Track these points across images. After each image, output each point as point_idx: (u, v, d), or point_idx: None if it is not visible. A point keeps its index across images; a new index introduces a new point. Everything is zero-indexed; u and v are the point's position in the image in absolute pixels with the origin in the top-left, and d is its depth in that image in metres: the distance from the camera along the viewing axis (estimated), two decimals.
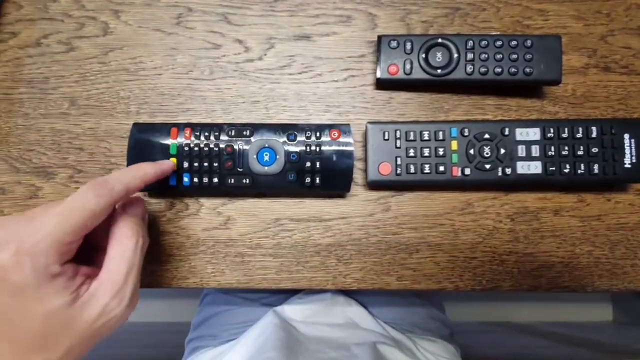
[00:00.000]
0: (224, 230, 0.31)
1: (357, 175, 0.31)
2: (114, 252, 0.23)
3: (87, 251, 0.24)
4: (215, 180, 0.29)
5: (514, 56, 0.29)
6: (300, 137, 0.29)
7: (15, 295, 0.20)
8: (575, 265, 0.31)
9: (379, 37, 0.30)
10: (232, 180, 0.29)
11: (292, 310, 0.45)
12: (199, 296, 0.54)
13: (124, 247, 0.23)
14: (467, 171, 0.29)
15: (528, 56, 0.29)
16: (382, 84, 0.32)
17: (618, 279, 0.31)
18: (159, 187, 0.30)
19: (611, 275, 0.31)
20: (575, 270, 0.31)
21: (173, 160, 0.29)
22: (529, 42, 0.29)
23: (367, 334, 0.42)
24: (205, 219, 0.31)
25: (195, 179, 0.29)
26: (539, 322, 1.00)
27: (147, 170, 0.25)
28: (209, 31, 0.32)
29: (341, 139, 0.29)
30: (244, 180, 0.29)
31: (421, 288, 0.31)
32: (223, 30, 0.32)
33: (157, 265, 0.30)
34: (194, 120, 0.32)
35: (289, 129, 0.29)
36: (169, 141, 0.29)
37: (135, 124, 0.29)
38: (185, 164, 0.29)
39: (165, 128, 0.29)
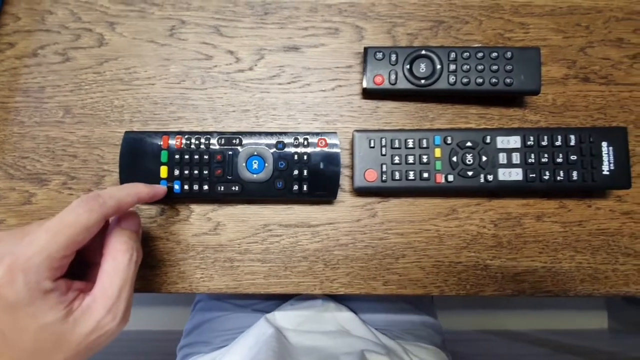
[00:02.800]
0: (213, 235, 0.31)
1: (344, 182, 0.32)
2: (108, 267, 0.23)
3: (79, 266, 0.25)
4: (205, 187, 0.30)
5: (495, 67, 0.30)
6: (289, 145, 0.30)
7: (7, 311, 0.20)
8: (558, 270, 0.32)
9: (365, 49, 0.31)
10: (222, 188, 0.30)
11: (284, 317, 0.45)
12: (191, 303, 0.55)
13: (118, 262, 0.23)
14: (450, 178, 0.30)
15: (508, 67, 0.30)
16: (368, 94, 0.33)
17: (600, 284, 0.32)
18: None
19: (593, 280, 0.32)
20: (558, 275, 0.32)
21: (164, 167, 0.30)
22: (509, 54, 0.31)
23: (357, 342, 0.42)
24: (195, 224, 0.31)
25: (186, 186, 0.30)
26: (534, 330, 1.00)
27: (141, 189, 0.26)
28: (201, 42, 0.33)
29: (328, 147, 0.30)
30: (233, 188, 0.30)
31: (407, 293, 0.31)
32: (215, 42, 0.33)
33: (147, 270, 0.31)
34: (186, 128, 0.32)
35: (277, 137, 0.30)
36: (160, 149, 0.30)
37: (127, 132, 0.30)
38: (176, 171, 0.30)
39: (156, 136, 0.30)
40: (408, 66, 0.31)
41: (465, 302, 1.03)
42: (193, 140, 0.30)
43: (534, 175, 0.30)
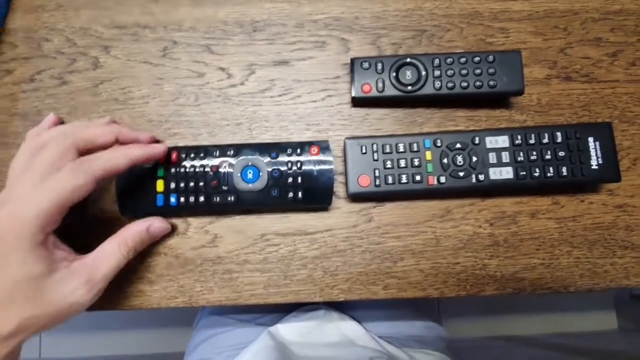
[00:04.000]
0: (211, 248, 0.32)
1: (339, 189, 0.33)
2: (109, 248, 0.26)
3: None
4: (202, 199, 0.30)
5: (478, 71, 0.31)
6: (282, 155, 0.31)
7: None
8: (556, 266, 0.32)
9: (352, 60, 0.32)
10: (218, 199, 0.30)
11: (287, 330, 0.44)
12: (191, 323, 0.54)
13: (122, 253, 0.26)
14: (443, 179, 0.31)
15: (491, 70, 0.31)
16: (357, 102, 0.33)
17: (599, 278, 0.32)
18: (147, 209, 0.31)
19: (592, 275, 0.32)
20: (556, 271, 0.32)
21: (160, 181, 0.30)
22: (491, 58, 0.32)
23: (362, 351, 0.42)
24: (193, 237, 0.32)
25: (182, 199, 0.30)
26: (542, 334, 0.99)
27: (134, 152, 0.27)
28: (193, 61, 0.34)
29: (321, 155, 0.31)
30: (229, 198, 0.30)
31: (407, 296, 0.31)
32: (206, 60, 0.34)
33: (146, 286, 0.31)
34: (181, 143, 0.33)
35: (270, 148, 0.31)
36: (156, 164, 0.30)
37: None
38: (172, 185, 0.30)
39: None
40: (394, 74, 0.32)
41: (472, 308, 1.01)
42: (188, 154, 0.31)
43: (524, 172, 0.30)
